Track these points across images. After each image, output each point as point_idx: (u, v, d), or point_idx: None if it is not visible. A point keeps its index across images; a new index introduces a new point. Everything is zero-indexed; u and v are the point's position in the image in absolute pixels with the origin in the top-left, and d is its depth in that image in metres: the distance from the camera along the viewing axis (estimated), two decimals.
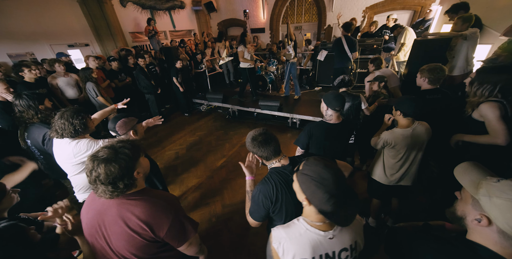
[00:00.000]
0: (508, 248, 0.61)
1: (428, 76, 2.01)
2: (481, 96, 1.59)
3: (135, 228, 0.95)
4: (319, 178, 0.76)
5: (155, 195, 1.06)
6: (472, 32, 2.87)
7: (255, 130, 1.23)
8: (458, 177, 0.75)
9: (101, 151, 0.94)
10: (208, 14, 9.98)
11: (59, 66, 3.63)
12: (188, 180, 3.20)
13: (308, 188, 0.78)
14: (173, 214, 1.01)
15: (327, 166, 0.78)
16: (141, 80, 4.59)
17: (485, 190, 0.64)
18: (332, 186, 0.74)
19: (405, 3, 6.81)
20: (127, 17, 6.85)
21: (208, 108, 6.06)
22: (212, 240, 2.23)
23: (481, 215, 0.64)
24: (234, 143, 4.16)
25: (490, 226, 0.63)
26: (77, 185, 1.68)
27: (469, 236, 0.71)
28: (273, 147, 1.16)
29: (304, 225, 0.85)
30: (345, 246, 0.84)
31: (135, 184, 1.00)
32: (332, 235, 0.82)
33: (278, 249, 0.85)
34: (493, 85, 1.53)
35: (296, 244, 0.82)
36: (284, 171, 1.17)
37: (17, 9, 4.57)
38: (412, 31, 4.18)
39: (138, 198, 1.00)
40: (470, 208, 0.68)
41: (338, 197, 0.74)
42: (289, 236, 0.84)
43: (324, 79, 5.98)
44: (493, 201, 0.61)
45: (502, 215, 0.59)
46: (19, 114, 1.89)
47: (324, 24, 8.30)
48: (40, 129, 1.91)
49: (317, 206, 0.78)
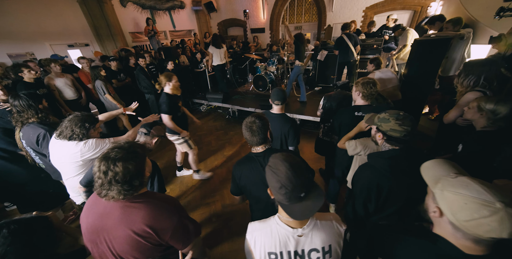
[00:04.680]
0: (460, 239, 0.66)
1: (361, 90, 1.86)
2: (467, 86, 1.72)
3: (140, 232, 0.94)
4: (274, 168, 0.81)
5: (158, 197, 1.06)
6: (468, 32, 2.91)
7: (252, 115, 1.30)
8: (423, 171, 0.81)
9: (112, 152, 0.92)
10: (208, 14, 9.98)
11: (55, 66, 3.56)
12: (188, 180, 3.20)
13: (268, 178, 0.84)
14: (177, 217, 1.01)
15: (285, 159, 0.82)
16: (142, 80, 4.59)
17: (440, 184, 0.69)
18: (283, 175, 0.77)
19: (405, 3, 6.81)
20: (127, 17, 6.85)
21: (208, 108, 6.05)
22: (212, 240, 2.23)
23: (436, 207, 0.69)
24: (234, 143, 4.16)
25: (442, 217, 0.68)
26: (75, 187, 1.68)
27: (434, 229, 0.76)
28: (256, 139, 1.25)
29: (276, 220, 0.90)
30: (316, 247, 0.85)
31: (145, 183, 1.00)
32: (301, 233, 0.85)
33: (251, 240, 0.91)
34: (477, 76, 1.67)
35: (266, 237, 0.88)
36: (254, 157, 1.29)
37: (17, 9, 4.57)
38: (415, 32, 4.18)
39: (142, 201, 0.98)
40: (430, 201, 0.73)
41: (288, 187, 0.77)
42: (261, 229, 0.91)
43: (324, 79, 5.98)
44: (444, 194, 0.66)
45: (448, 207, 0.64)
46: (17, 114, 1.88)
47: (324, 24, 8.30)
48: (35, 129, 1.90)
49: (276, 198, 0.83)
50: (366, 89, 1.83)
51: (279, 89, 1.90)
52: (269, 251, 0.86)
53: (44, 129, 1.91)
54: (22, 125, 1.92)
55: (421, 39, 2.82)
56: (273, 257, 0.86)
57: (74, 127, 1.51)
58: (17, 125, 1.92)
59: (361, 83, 1.84)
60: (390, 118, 1.16)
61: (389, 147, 1.21)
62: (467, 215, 0.60)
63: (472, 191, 0.60)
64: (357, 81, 1.90)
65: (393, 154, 1.17)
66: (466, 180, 0.64)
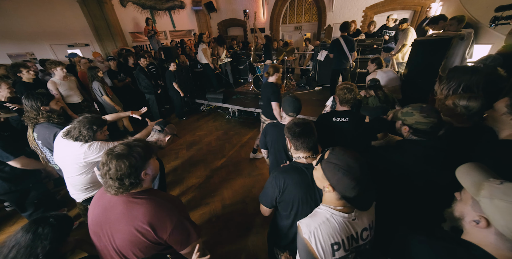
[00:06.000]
0: (502, 250, 0.61)
1: (338, 95, 1.83)
2: (446, 95, 1.64)
3: (139, 227, 0.95)
4: (346, 166, 0.81)
5: (161, 196, 1.07)
6: (468, 32, 2.90)
7: (299, 118, 1.28)
8: (460, 177, 0.74)
9: (117, 147, 0.98)
10: (208, 14, 9.98)
11: (62, 70, 3.24)
12: (188, 180, 3.20)
13: (334, 176, 0.83)
14: (177, 217, 1.01)
15: (351, 155, 0.84)
16: (142, 80, 4.60)
17: (487, 191, 0.62)
18: (359, 174, 0.80)
19: (405, 3, 6.82)
20: (127, 17, 6.85)
21: (208, 108, 6.05)
22: (212, 240, 2.23)
23: (480, 217, 0.63)
24: (234, 143, 4.15)
25: (488, 228, 0.62)
26: (76, 185, 1.70)
27: (464, 236, 0.71)
28: (310, 142, 1.16)
29: (329, 210, 0.88)
30: (365, 226, 0.90)
31: (140, 183, 1.01)
32: (354, 217, 0.88)
33: (310, 238, 0.85)
34: (457, 84, 1.60)
35: (326, 229, 0.85)
36: (303, 169, 1.15)
37: (17, 9, 4.57)
38: (414, 32, 4.18)
39: (144, 198, 1.00)
40: (469, 209, 0.68)
41: (362, 184, 0.80)
42: (317, 223, 0.86)
43: (324, 79, 5.97)
44: (495, 203, 0.59)
45: (502, 217, 0.58)
46: (26, 113, 1.89)
47: (324, 24, 8.30)
48: (50, 129, 1.89)
49: (341, 192, 0.83)
50: (341, 95, 1.82)
51: (293, 98, 1.68)
52: (332, 242, 0.84)
53: (60, 128, 1.88)
54: (34, 125, 1.91)
55: (421, 39, 2.82)
56: (336, 247, 0.85)
57: (82, 128, 1.53)
58: (29, 125, 1.92)
59: (339, 88, 1.84)
60: (414, 111, 1.16)
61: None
62: None
63: None
64: (338, 85, 1.90)
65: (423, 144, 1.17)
66: None
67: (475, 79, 1.59)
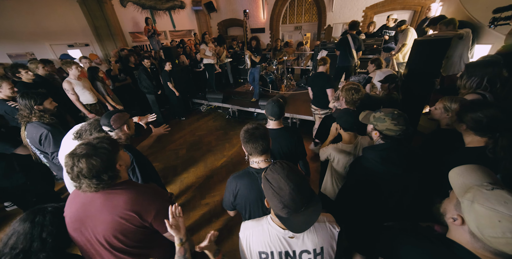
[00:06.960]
0: (478, 249, 0.64)
1: (344, 96, 1.81)
2: (470, 88, 1.69)
3: (122, 215, 0.98)
4: (277, 187, 0.76)
5: (139, 185, 1.12)
6: (466, 32, 2.91)
7: (252, 122, 1.23)
8: (451, 178, 0.75)
9: (78, 148, 0.96)
10: (208, 14, 9.98)
11: (77, 68, 3.23)
12: (188, 180, 3.20)
13: (266, 192, 0.81)
14: (159, 200, 1.05)
15: (288, 176, 0.76)
16: (143, 80, 4.60)
17: (471, 195, 0.63)
18: (287, 197, 0.74)
19: (405, 3, 6.81)
20: (127, 17, 6.85)
21: (208, 108, 6.05)
22: None
23: (458, 215, 0.67)
24: (234, 143, 4.16)
25: (463, 225, 0.66)
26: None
27: (449, 235, 0.74)
28: (259, 146, 1.13)
29: (268, 221, 0.90)
30: (307, 248, 0.85)
31: (119, 176, 1.04)
32: (293, 235, 0.84)
33: (243, 239, 0.92)
34: (480, 78, 1.63)
35: (257, 236, 0.89)
36: (254, 173, 1.18)
37: (17, 9, 4.56)
38: (414, 31, 4.18)
39: (124, 188, 1.03)
40: (452, 207, 0.71)
41: (291, 208, 0.74)
42: (253, 229, 0.91)
43: None
44: (474, 206, 0.61)
45: (476, 220, 0.61)
46: (20, 111, 1.92)
47: (324, 24, 8.30)
48: (38, 129, 1.92)
49: (274, 210, 0.81)
50: (348, 95, 1.80)
51: (274, 102, 1.57)
52: (260, 250, 0.87)
53: (47, 128, 1.92)
54: (26, 123, 1.94)
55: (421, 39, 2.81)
56: (264, 256, 0.87)
57: (93, 131, 1.54)
58: (22, 123, 1.95)
59: (345, 89, 1.83)
60: (386, 118, 1.20)
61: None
62: (497, 232, 0.56)
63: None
64: (343, 86, 1.89)
65: (384, 147, 1.23)
66: (505, 196, 0.58)
67: (496, 71, 1.63)
